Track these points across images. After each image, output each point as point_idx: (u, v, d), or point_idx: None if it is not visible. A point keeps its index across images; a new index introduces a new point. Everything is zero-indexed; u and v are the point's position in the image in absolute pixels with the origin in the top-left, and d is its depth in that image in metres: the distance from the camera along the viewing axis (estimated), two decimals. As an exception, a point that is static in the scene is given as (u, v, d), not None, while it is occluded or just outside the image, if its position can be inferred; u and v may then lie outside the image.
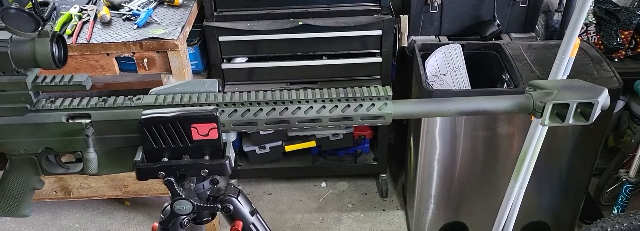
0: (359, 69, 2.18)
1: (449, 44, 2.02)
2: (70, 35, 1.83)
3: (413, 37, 2.23)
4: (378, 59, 2.16)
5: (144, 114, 0.86)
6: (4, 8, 0.81)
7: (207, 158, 0.90)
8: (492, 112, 0.89)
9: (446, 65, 2.01)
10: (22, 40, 0.82)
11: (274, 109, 0.89)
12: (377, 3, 2.09)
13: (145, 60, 1.87)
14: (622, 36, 2.23)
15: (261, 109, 0.89)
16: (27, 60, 0.83)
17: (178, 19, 1.97)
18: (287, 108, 0.89)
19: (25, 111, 0.88)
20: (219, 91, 0.92)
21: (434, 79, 1.97)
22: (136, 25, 1.90)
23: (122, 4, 1.99)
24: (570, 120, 0.86)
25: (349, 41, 2.13)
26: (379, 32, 2.10)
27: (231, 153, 0.90)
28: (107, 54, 1.85)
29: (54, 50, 0.83)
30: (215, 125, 0.87)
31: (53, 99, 0.90)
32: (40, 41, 0.82)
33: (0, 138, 0.89)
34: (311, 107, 0.89)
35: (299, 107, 0.89)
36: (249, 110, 0.89)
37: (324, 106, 0.89)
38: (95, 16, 1.94)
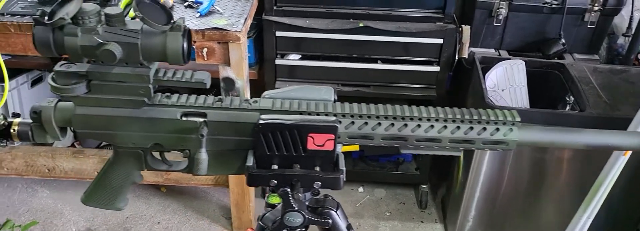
0: (413, 77, 2.14)
1: (511, 59, 1.98)
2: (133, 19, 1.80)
3: (472, 49, 2.19)
4: (435, 68, 2.12)
5: (262, 119, 0.83)
6: (140, -2, 0.77)
7: (317, 169, 0.86)
8: (621, 148, 0.86)
9: (506, 80, 1.97)
10: (153, 32, 0.78)
11: (392, 124, 0.86)
12: (441, 11, 2.05)
13: (205, 50, 1.84)
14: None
15: (379, 124, 0.86)
16: (156, 53, 0.79)
17: (240, 10, 1.93)
18: (406, 125, 0.86)
19: (142, 104, 0.84)
20: (335, 101, 0.89)
21: (491, 94, 1.93)
22: (198, 14, 1.86)
23: (186, -9, 1.95)
24: None
25: (407, 47, 2.09)
26: (440, 41, 2.06)
27: (344, 166, 0.87)
28: (169, 41, 1.81)
29: (185, 45, 0.79)
30: (333, 136, 0.84)
31: (169, 95, 0.87)
32: (172, 35, 0.78)
33: (114, 129, 0.85)
34: (432, 126, 0.85)
35: (419, 125, 0.85)
36: (366, 123, 0.86)
37: (445, 126, 0.85)
38: (159, 0, 1.90)
